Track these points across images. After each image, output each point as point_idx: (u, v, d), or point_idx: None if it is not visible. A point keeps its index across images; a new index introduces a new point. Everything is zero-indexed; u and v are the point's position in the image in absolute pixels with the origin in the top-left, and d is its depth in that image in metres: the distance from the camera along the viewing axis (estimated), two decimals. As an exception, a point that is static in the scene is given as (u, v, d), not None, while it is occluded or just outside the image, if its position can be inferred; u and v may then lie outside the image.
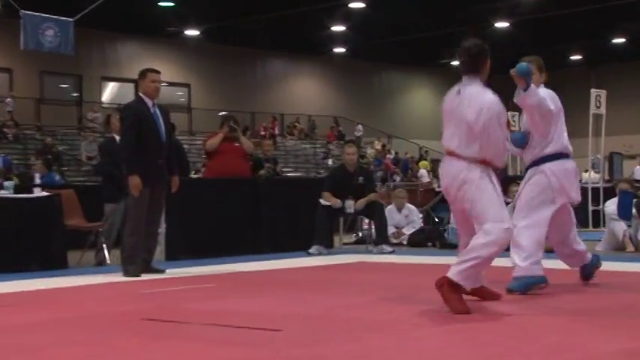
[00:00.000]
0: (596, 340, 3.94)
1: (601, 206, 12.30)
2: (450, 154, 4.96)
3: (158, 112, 7.39)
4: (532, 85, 5.35)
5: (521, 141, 5.62)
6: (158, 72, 7.56)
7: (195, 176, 14.10)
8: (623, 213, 9.13)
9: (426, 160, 31.35)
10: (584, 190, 14.30)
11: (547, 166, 5.53)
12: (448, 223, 10.78)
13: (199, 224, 9.07)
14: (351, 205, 9.54)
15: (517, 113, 13.07)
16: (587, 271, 5.90)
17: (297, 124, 32.00)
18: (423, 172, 27.57)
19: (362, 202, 9.51)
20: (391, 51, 31.46)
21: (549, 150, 5.55)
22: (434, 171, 29.83)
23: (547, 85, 5.78)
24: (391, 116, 34.92)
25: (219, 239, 9.21)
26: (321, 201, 9.55)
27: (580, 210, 12.03)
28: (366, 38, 28.92)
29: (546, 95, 5.51)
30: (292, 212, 9.91)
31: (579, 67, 34.34)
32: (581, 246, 5.86)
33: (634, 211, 9.07)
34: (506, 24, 26.85)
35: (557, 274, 5.99)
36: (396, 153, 31.72)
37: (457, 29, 27.97)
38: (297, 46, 30.76)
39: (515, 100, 5.47)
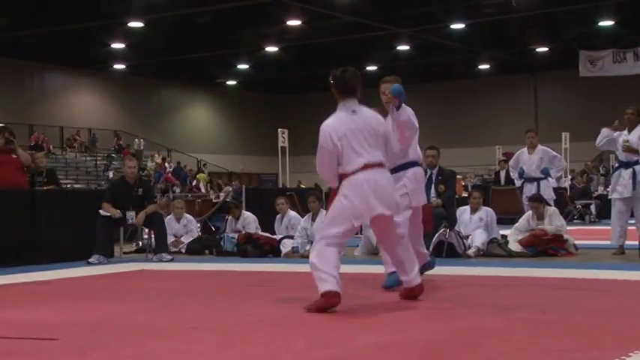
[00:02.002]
0: (352, 336, 4.13)
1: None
2: (381, 165, 5.04)
3: None
4: (403, 104, 5.56)
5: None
6: None
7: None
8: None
9: (203, 172, 31.29)
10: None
11: (407, 173, 5.91)
12: (224, 231, 10.81)
13: (-28, 237, 8.35)
14: (132, 216, 9.30)
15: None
16: (421, 269, 6.30)
17: (77, 137, 30.57)
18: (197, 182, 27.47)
19: (141, 216, 9.31)
20: (170, 69, 31.12)
21: (408, 159, 5.94)
22: (211, 183, 29.89)
23: (313, 106, 6.01)
24: (171, 131, 34.48)
25: (-6, 251, 8.54)
26: (101, 212, 9.22)
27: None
28: (145, 56, 28.37)
29: (410, 112, 5.77)
30: (72, 223, 9.45)
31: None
32: (424, 250, 6.35)
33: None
34: (275, 48, 27.57)
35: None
36: (177, 163, 31.31)
37: (230, 52, 28.29)
38: (77, 61, 29.45)
39: (390, 117, 5.68)
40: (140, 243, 10.98)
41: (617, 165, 8.84)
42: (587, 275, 6.75)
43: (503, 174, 17.18)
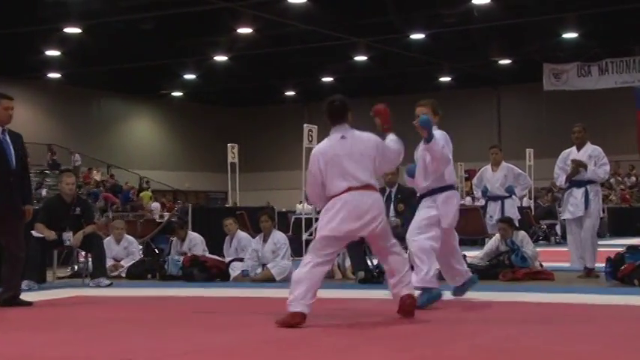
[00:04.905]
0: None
1: (314, 236, 12.82)
2: (367, 187, 5.58)
3: (8, 138, 7.21)
4: (435, 135, 6.12)
5: (412, 171, 6.49)
6: (11, 98, 7.42)
7: None
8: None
9: (147, 190, 30.96)
10: (298, 221, 15.00)
11: (439, 196, 6.40)
12: (169, 254, 10.70)
13: None
14: (69, 237, 9.14)
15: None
16: (462, 288, 6.75)
17: (7, 151, 29.96)
18: (156, 205, 27.15)
19: (78, 237, 9.15)
20: (110, 79, 30.77)
21: (441, 184, 6.42)
22: (156, 201, 29.59)
23: (266, 120, 6.19)
24: (111, 145, 34.04)
25: None
26: (34, 233, 9.02)
27: (295, 240, 12.55)
28: (83, 64, 28.02)
29: (442, 137, 6.31)
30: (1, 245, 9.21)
31: (295, 103, 36.17)
32: (463, 266, 6.83)
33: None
34: (225, 58, 27.52)
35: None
36: (126, 182, 30.93)
37: (176, 61, 28.15)
38: (8, 69, 28.92)
39: (421, 149, 6.28)
40: (76, 267, 10.79)
41: (568, 184, 8.98)
42: (552, 299, 6.86)
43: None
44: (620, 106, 29.64)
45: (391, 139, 5.87)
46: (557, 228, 18.83)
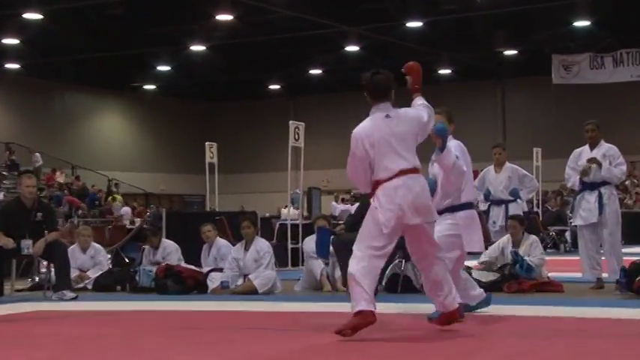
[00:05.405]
0: None
1: (300, 244, 12.80)
2: (415, 170, 5.66)
3: None
4: (448, 146, 6.11)
5: (431, 187, 6.33)
6: None
7: None
8: (321, 251, 9.56)
9: (116, 193, 30.88)
10: (283, 227, 14.98)
11: (459, 215, 6.43)
12: (140, 263, 10.69)
13: None
14: (28, 245, 9.11)
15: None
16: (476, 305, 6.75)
17: (-40, 150, 29.90)
18: (126, 209, 27.12)
19: (39, 245, 9.12)
20: (75, 70, 30.69)
21: (461, 200, 6.46)
22: (126, 205, 29.52)
23: (248, 116, 6.16)
24: (76, 144, 33.95)
25: None
26: (-10, 241, 9.00)
27: (279, 248, 12.54)
28: (45, 54, 27.94)
29: (457, 148, 6.38)
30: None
31: (279, 98, 36.17)
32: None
33: (331, 249, 9.53)
34: (202, 47, 27.51)
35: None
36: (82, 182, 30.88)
37: (149, 50, 28.11)
38: (-40, 59, 28.88)
39: (432, 160, 6.27)
40: (37, 278, 10.78)
41: (580, 187, 8.98)
42: (560, 313, 6.89)
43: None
44: (637, 102, 29.80)
45: (419, 103, 5.95)
46: (567, 235, 18.91)
